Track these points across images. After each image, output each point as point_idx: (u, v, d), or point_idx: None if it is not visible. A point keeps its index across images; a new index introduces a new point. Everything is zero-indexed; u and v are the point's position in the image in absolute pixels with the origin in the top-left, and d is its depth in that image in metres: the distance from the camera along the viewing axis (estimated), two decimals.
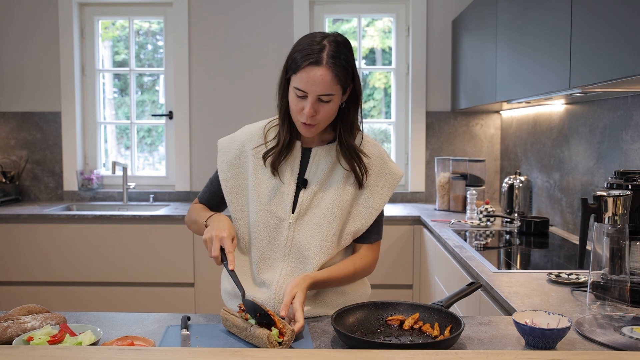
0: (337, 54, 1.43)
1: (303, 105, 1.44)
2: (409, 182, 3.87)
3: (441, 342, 1.21)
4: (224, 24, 3.81)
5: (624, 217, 1.50)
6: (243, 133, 1.62)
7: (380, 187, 1.57)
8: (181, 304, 3.32)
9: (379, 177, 1.57)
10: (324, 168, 1.54)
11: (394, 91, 3.91)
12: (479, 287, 1.49)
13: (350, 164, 1.53)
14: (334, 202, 1.52)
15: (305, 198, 1.53)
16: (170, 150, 3.97)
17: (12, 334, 1.25)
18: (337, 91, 1.44)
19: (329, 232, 1.51)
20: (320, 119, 1.46)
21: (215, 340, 1.32)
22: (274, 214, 1.53)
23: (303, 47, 1.44)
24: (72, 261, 3.32)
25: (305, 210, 1.53)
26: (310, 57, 1.41)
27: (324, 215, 1.51)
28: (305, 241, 1.51)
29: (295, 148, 1.56)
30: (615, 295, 1.50)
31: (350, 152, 1.52)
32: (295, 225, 1.52)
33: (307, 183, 1.54)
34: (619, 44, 1.58)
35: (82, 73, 3.95)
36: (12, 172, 3.88)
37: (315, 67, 1.40)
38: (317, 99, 1.43)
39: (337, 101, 1.47)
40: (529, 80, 2.32)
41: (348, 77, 1.46)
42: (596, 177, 2.41)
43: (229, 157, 1.60)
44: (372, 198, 1.56)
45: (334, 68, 1.41)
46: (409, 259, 3.30)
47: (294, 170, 1.55)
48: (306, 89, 1.42)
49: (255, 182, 1.56)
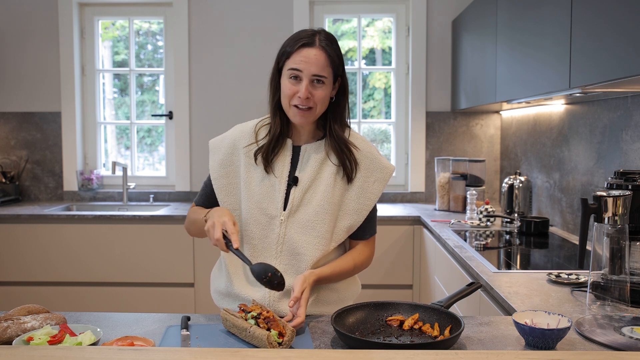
0: (329, 40, 1.51)
1: (298, 88, 1.48)
2: (409, 182, 3.87)
3: (441, 342, 1.21)
4: (224, 24, 3.81)
5: (624, 217, 1.50)
6: (234, 132, 1.64)
7: (371, 182, 1.58)
8: (181, 304, 3.32)
9: (370, 172, 1.58)
10: (314, 165, 1.56)
11: (394, 91, 3.91)
12: (479, 287, 1.49)
13: (340, 157, 1.55)
14: (325, 199, 1.53)
15: (296, 195, 1.55)
16: (170, 150, 3.97)
17: (12, 334, 1.25)
18: (329, 75, 1.50)
19: (320, 229, 1.53)
20: (314, 104, 1.49)
21: (215, 340, 1.32)
22: (266, 211, 1.55)
23: (294, 36, 1.52)
24: (72, 261, 3.32)
25: (296, 208, 1.54)
26: (303, 40, 1.49)
27: (316, 213, 1.53)
28: (297, 238, 1.53)
29: (286, 146, 1.58)
30: (615, 296, 1.50)
31: (339, 144, 1.55)
32: (287, 223, 1.54)
33: (297, 180, 1.56)
34: (619, 44, 1.58)
35: (82, 73, 3.96)
36: (12, 172, 3.88)
37: (309, 48, 1.48)
38: (311, 80, 1.48)
39: (329, 89, 1.51)
40: (529, 80, 2.32)
41: (339, 64, 1.52)
42: (596, 177, 2.41)
43: (220, 156, 1.62)
44: (363, 194, 1.57)
45: (328, 49, 1.49)
46: (409, 259, 3.30)
47: (284, 168, 1.57)
48: (301, 67, 1.47)
49: (247, 180, 1.57)
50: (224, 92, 3.85)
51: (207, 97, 3.85)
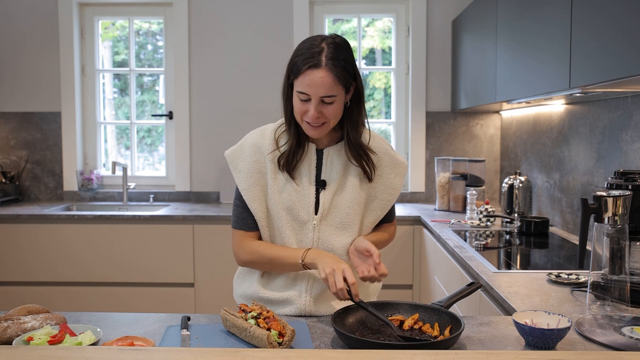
0: (336, 54, 1.45)
1: (307, 107, 1.47)
2: (409, 182, 3.87)
3: (441, 342, 1.21)
4: (224, 24, 3.81)
5: (624, 217, 1.50)
6: (254, 138, 1.60)
7: (393, 177, 1.63)
8: (181, 304, 3.32)
9: (390, 169, 1.63)
10: (339, 167, 1.57)
11: (394, 91, 3.91)
12: (479, 287, 1.49)
13: (359, 162, 1.57)
14: (354, 200, 1.57)
15: (326, 199, 1.56)
16: (170, 150, 3.97)
17: (12, 334, 1.25)
18: (339, 91, 1.47)
19: (352, 230, 1.56)
20: (326, 119, 1.49)
21: (215, 340, 1.32)
22: (298, 217, 1.56)
23: (302, 51, 1.47)
24: (72, 261, 3.32)
25: (327, 211, 1.56)
26: (309, 61, 1.44)
27: (346, 214, 1.56)
28: (331, 240, 1.56)
29: (310, 150, 1.58)
30: (615, 296, 1.50)
31: (357, 150, 1.56)
32: (320, 227, 1.56)
33: (325, 184, 1.57)
34: (619, 44, 1.58)
35: (82, 73, 3.95)
36: (12, 172, 3.88)
37: (315, 70, 1.43)
38: (320, 101, 1.45)
39: (341, 101, 1.49)
40: (529, 80, 2.32)
41: (349, 77, 1.48)
42: (596, 177, 2.41)
43: (244, 165, 1.58)
44: (387, 190, 1.62)
45: (334, 69, 1.44)
46: (409, 259, 3.30)
47: (311, 172, 1.57)
48: (308, 92, 1.45)
49: (275, 187, 1.56)
50: (224, 92, 3.84)
51: (207, 97, 3.85)
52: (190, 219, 3.30)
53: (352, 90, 1.52)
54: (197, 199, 3.88)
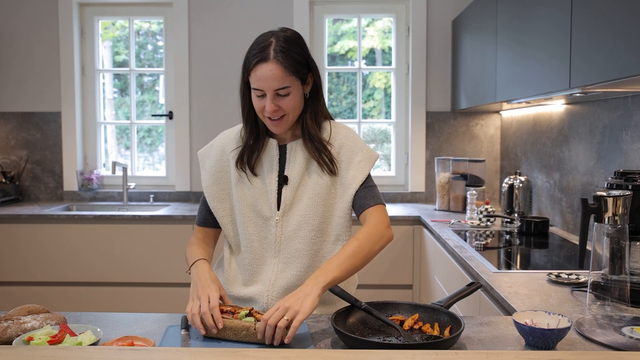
0: (285, 46, 1.46)
1: (264, 103, 1.48)
2: (409, 182, 3.87)
3: (441, 342, 1.21)
4: (224, 24, 3.81)
5: (624, 217, 1.50)
6: (221, 138, 1.66)
7: (356, 162, 1.56)
8: (181, 304, 3.32)
9: (354, 154, 1.57)
10: (301, 162, 1.57)
11: (394, 91, 3.91)
12: (479, 287, 1.49)
13: (316, 155, 1.55)
14: (314, 192, 1.55)
15: (288, 194, 1.56)
16: (170, 150, 3.97)
17: (12, 334, 1.25)
18: (292, 82, 1.47)
19: (313, 221, 1.54)
20: (285, 112, 1.49)
21: (215, 340, 1.32)
22: (260, 213, 1.57)
23: (253, 47, 1.49)
24: (72, 261, 3.32)
25: (289, 206, 1.56)
26: (258, 55, 1.45)
27: (307, 207, 1.55)
28: (294, 235, 1.55)
29: (272, 146, 1.59)
30: (615, 296, 1.50)
31: (314, 143, 1.55)
32: (282, 222, 1.56)
33: (287, 179, 1.57)
34: (619, 44, 1.58)
35: (82, 73, 3.95)
36: (12, 172, 3.88)
37: (264, 64, 1.44)
38: (275, 94, 1.47)
39: (297, 92, 1.50)
40: (529, 80, 2.32)
41: (301, 67, 1.48)
42: (596, 177, 2.41)
43: (209, 164, 1.64)
44: (350, 172, 1.56)
45: (283, 61, 1.44)
46: (409, 259, 3.30)
47: (273, 168, 1.58)
48: (261, 86, 1.46)
49: (238, 184, 1.59)
50: (224, 92, 3.84)
51: (207, 97, 3.85)
52: (190, 219, 3.30)
53: (310, 81, 1.53)
54: (197, 199, 3.88)
